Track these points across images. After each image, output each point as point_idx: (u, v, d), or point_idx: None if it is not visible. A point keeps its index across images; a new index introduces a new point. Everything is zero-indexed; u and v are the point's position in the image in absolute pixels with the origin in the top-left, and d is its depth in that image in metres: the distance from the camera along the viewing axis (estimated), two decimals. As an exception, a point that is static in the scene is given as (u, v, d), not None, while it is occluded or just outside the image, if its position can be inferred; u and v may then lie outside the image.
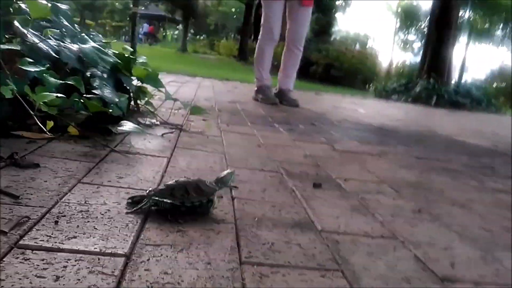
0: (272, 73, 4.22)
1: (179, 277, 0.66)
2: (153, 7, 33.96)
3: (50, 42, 1.59)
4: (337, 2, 24.25)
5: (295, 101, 4.03)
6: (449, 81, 9.21)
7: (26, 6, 1.66)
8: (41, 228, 0.76)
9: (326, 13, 19.57)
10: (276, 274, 0.72)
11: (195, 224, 0.88)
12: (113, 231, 0.79)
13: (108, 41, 2.18)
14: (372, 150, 2.08)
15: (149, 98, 2.14)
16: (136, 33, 7.33)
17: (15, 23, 1.55)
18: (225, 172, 1.07)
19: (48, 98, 1.29)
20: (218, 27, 39.78)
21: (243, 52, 18.17)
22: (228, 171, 1.09)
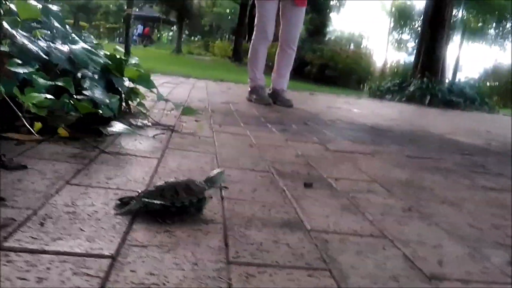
0: (266, 73, 4.22)
1: (164, 278, 0.66)
2: (147, 8, 33.90)
3: (40, 43, 1.58)
4: (332, 2, 24.32)
5: (289, 101, 4.03)
6: (443, 80, 9.23)
7: (15, 7, 1.65)
8: (26, 230, 0.75)
9: (320, 13, 19.63)
10: (263, 274, 0.71)
11: (183, 225, 0.87)
12: (99, 232, 0.79)
13: (99, 43, 2.18)
14: (365, 150, 2.09)
15: (141, 99, 2.14)
16: (130, 34, 7.30)
17: (4, 24, 1.54)
18: (215, 172, 1.07)
19: (37, 99, 1.29)
20: (212, 28, 39.78)
21: (237, 53, 18.17)
22: (218, 170, 1.09)
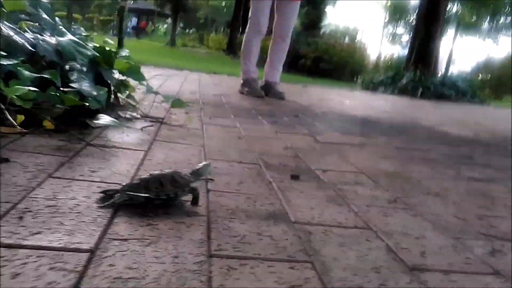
0: (259, 66, 4.21)
1: (144, 272, 0.65)
2: (142, 1, 33.65)
3: (27, 35, 1.56)
4: (327, -4, 24.22)
5: (281, 94, 4.02)
6: (435, 73, 9.26)
7: (0, -2, 1.63)
8: (4, 224, 0.74)
9: (316, 6, 19.55)
10: (244, 266, 0.71)
11: (167, 218, 0.87)
12: (80, 226, 0.78)
13: (88, 35, 2.15)
14: (354, 141, 2.08)
15: (131, 92, 2.12)
16: (124, 27, 7.24)
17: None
18: (201, 164, 1.07)
19: (20, 92, 1.27)
20: (207, 21, 39.53)
21: (232, 46, 18.09)
22: (204, 163, 1.08)
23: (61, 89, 1.50)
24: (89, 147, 1.32)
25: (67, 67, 1.67)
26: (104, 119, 1.52)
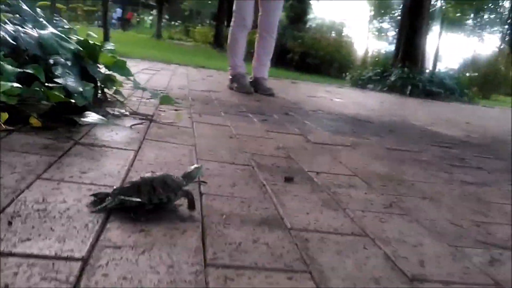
0: (246, 60, 4.18)
1: (138, 282, 0.63)
2: (127, -9, 33.16)
3: (8, 28, 1.50)
4: (312, -11, 24.14)
5: (270, 90, 4.00)
6: (423, 70, 9.30)
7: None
8: (-8, 230, 0.71)
9: (301, 0, 19.46)
10: (241, 276, 0.69)
11: (159, 223, 0.84)
12: (71, 232, 0.75)
13: (71, 28, 2.09)
14: (345, 141, 2.08)
15: (117, 87, 2.07)
16: (108, 18, 7.12)
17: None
18: (192, 167, 1.04)
19: (4, 88, 1.22)
20: (193, 13, 39.18)
21: (218, 39, 17.98)
22: (196, 166, 1.06)
23: (46, 84, 1.45)
24: (77, 146, 1.28)
25: (51, 61, 1.61)
26: (92, 116, 1.48)
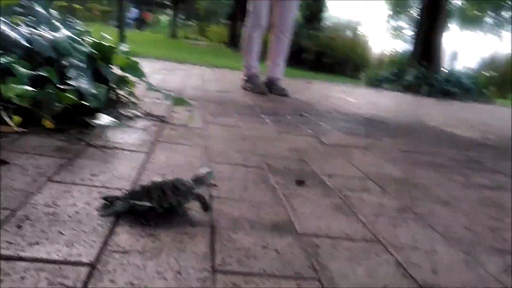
0: (261, 60, 4.16)
1: (145, 289, 0.62)
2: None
3: (22, 30, 1.51)
4: (329, -12, 24.01)
5: (284, 90, 3.97)
6: (440, 70, 9.15)
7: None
8: (2, 233, 0.71)
9: (317, -2, 19.35)
10: (249, 283, 0.68)
11: (169, 227, 0.84)
12: (79, 236, 0.75)
13: (85, 30, 2.10)
14: (359, 143, 2.05)
15: (131, 88, 2.08)
16: (124, 18, 7.17)
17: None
18: (203, 171, 1.03)
19: (18, 91, 1.23)
20: (208, 12, 39.27)
21: (233, 39, 17.99)
22: (206, 169, 1.05)
23: (59, 86, 1.46)
24: (89, 148, 1.29)
25: (64, 63, 1.62)
26: (104, 118, 1.48)
